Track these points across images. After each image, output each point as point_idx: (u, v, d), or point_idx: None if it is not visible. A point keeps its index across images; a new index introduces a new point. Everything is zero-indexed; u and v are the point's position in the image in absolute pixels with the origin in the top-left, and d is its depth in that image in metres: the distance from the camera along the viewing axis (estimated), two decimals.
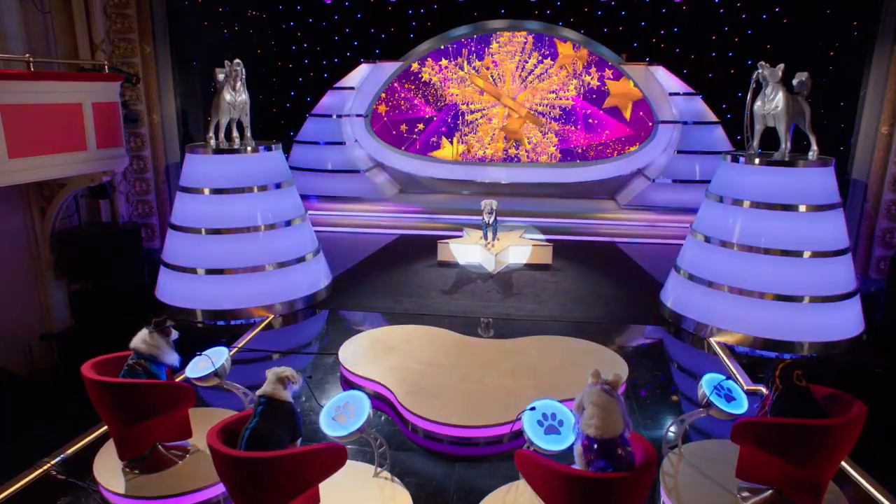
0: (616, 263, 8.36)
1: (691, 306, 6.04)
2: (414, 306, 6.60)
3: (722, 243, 5.84)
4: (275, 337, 5.90)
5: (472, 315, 6.36)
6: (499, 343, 5.41)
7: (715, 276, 5.84)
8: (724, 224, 5.87)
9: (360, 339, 5.41)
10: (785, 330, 5.56)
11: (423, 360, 5.04)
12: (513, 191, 11.48)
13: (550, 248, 8.13)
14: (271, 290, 6.38)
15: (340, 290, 7.14)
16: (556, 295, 7.03)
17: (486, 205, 7.73)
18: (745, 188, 5.79)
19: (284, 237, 6.56)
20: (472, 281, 7.47)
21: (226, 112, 6.28)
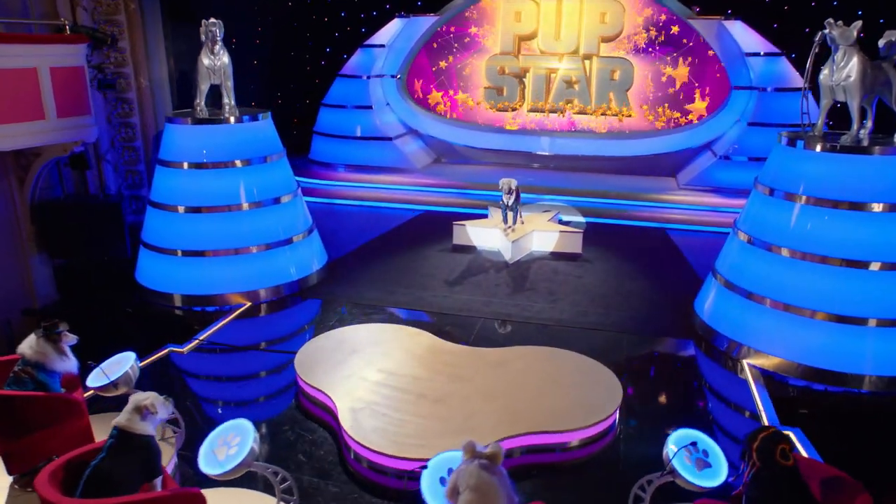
0: (660, 256, 7.59)
1: (726, 319, 5.30)
2: (407, 299, 6.22)
3: (768, 247, 5.03)
4: (250, 328, 5.71)
5: (466, 314, 5.91)
6: (480, 353, 4.94)
7: (756, 285, 5.06)
8: (773, 223, 5.04)
9: (325, 339, 5.10)
10: (839, 358, 4.75)
11: (386, 369, 4.67)
12: (559, 164, 10.79)
13: (580, 235, 7.47)
14: (255, 275, 6.17)
15: (336, 274, 6.86)
16: (574, 292, 6.44)
17: (504, 184, 7.15)
18: (802, 179, 4.92)
19: (271, 216, 6.31)
20: (484, 271, 6.99)
21: (205, 78, 6.03)
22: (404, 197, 9.72)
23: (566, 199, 9.30)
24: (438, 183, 9.97)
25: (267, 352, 5.26)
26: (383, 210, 9.48)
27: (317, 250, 6.87)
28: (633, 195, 9.33)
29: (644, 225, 8.78)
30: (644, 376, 4.94)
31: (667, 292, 6.47)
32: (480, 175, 10.26)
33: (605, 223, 8.81)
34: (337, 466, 3.87)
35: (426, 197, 9.69)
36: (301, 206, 6.76)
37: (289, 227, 6.48)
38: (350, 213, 9.38)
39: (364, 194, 9.85)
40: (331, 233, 8.34)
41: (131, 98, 7.17)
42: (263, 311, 6.02)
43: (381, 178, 10.16)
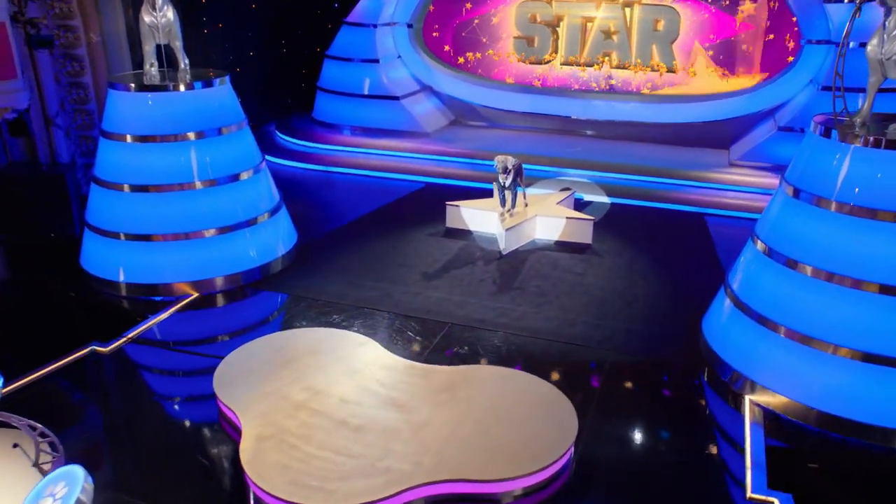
0: (689, 250, 6.96)
1: (733, 345, 4.73)
2: (372, 295, 5.91)
3: (788, 262, 4.39)
4: (191, 324, 5.54)
5: (433, 318, 5.55)
6: (428, 371, 4.60)
7: (771, 308, 4.46)
8: (797, 232, 4.39)
9: (258, 345, 4.87)
10: (866, 407, 4.13)
11: (314, 387, 4.41)
12: (594, 131, 10.13)
13: (590, 223, 6.91)
14: (209, 262, 5.98)
15: (305, 259, 6.62)
16: (568, 294, 5.96)
17: (499, 161, 6.64)
18: (836, 180, 4.23)
19: (229, 195, 6.06)
20: (471, 262, 6.58)
21: (148, 37, 5.75)
22: (409, 166, 9.30)
23: (590, 175, 8.69)
24: (450, 151, 9.51)
25: (199, 356, 5.08)
26: (384, 181, 9.14)
27: (284, 232, 6.63)
28: (671, 172, 8.62)
29: (679, 209, 8.07)
30: (617, 410, 4.49)
31: (683, 300, 5.89)
32: (501, 142, 9.74)
33: (633, 205, 8.17)
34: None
35: (435, 167, 9.25)
36: (265, 183, 6.49)
37: (249, 206, 6.23)
38: (348, 184, 9.10)
39: (365, 162, 9.50)
40: (320, 207, 8.17)
41: (81, 55, 6.97)
42: (212, 303, 5.85)
43: (384, 144, 9.78)
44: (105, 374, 4.83)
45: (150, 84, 5.81)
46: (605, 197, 8.26)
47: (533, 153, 9.18)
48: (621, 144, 9.67)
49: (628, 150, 9.43)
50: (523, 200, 7.20)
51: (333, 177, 9.35)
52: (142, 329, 5.32)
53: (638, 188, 8.43)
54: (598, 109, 9.96)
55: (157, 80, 5.99)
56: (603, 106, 9.92)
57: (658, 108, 9.70)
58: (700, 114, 9.60)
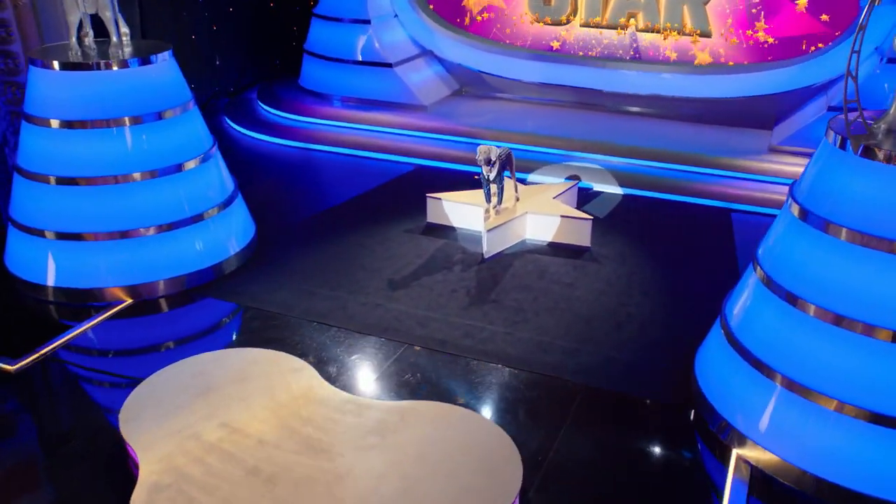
0: (705, 254, 6.56)
1: (723, 388, 4.39)
2: (325, 307, 5.71)
3: (788, 296, 4.01)
4: (118, 337, 5.43)
5: (389, 337, 5.32)
6: (364, 407, 4.38)
7: (767, 349, 4.09)
8: (801, 260, 3.99)
9: (179, 368, 4.72)
10: (871, 475, 3.78)
11: (231, 423, 4.24)
12: (616, 105, 9.66)
13: (589, 223, 6.56)
14: (150, 263, 5.85)
15: (261, 258, 6.45)
16: (551, 310, 5.66)
17: (481, 152, 6.31)
18: (849, 203, 3.81)
19: (172, 188, 5.90)
20: (447, 267, 6.31)
21: (72, 7, 5.54)
22: (400, 145, 9.01)
23: (605, 161, 8.28)
24: (448, 128, 9.17)
25: (116, 377, 4.97)
26: (370, 162, 8.90)
27: (238, 226, 6.46)
28: (696, 158, 8.14)
29: (703, 204, 7.64)
30: (580, 459, 4.22)
31: (685, 322, 5.54)
32: (506, 117, 9.38)
33: (648, 198, 7.77)
34: None
35: (429, 147, 8.94)
36: (216, 172, 6.31)
37: (197, 200, 6.06)
38: (329, 165, 8.90)
39: (351, 139, 9.23)
40: (292, 192, 8.01)
41: (7, 19, 6.77)
42: (146, 311, 5.73)
43: (374, 118, 9.49)
44: (5, 400, 4.74)
45: (76, 61, 5.61)
46: (617, 187, 7.88)
47: (543, 132, 8.82)
48: (642, 122, 9.20)
49: (650, 129, 8.96)
50: (514, 194, 6.88)
51: (315, 156, 9.15)
52: (58, 343, 5.23)
53: (656, 177, 7.99)
54: (622, 80, 9.45)
55: (92, 54, 5.79)
56: (627, 76, 9.40)
57: (690, 80, 9.15)
58: (739, 87, 9.02)
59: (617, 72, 9.48)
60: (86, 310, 5.66)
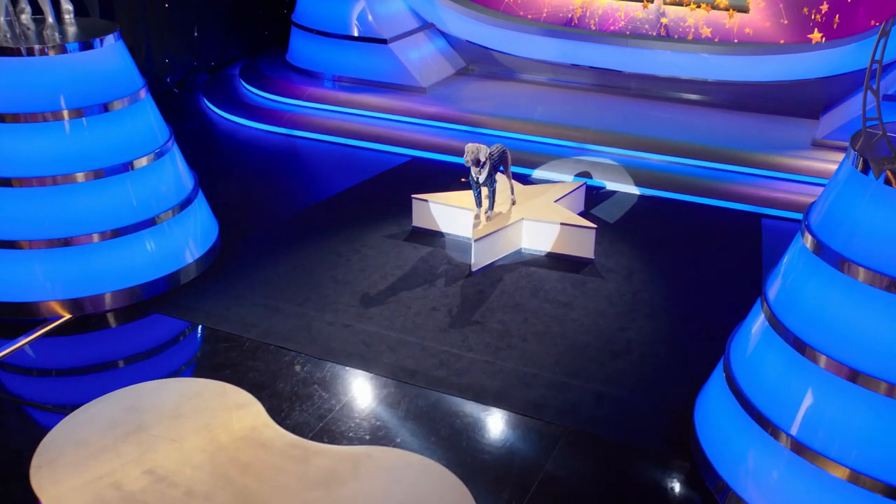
0: (726, 268, 6.29)
1: (723, 442, 4.13)
2: (285, 327, 5.54)
3: (797, 343, 3.72)
4: (51, 359, 5.32)
5: (352, 365, 5.14)
6: (308, 452, 4.21)
7: (771, 402, 3.82)
8: (812, 302, 3.70)
9: (108, 402, 4.60)
10: None
11: (158, 470, 4.10)
12: (641, 88, 9.33)
13: (592, 232, 6.29)
14: (95, 274, 5.74)
15: (225, 266, 6.32)
16: (540, 336, 5.44)
17: (469, 152, 6.06)
18: (867, 237, 3.51)
19: (119, 190, 5.77)
20: (429, 280, 6.11)
21: None
22: (393, 133, 8.80)
23: (619, 156, 7.99)
24: (448, 114, 8.90)
25: (39, 408, 4.86)
26: (360, 152, 8.73)
27: (197, 230, 6.33)
28: (725, 153, 7.79)
29: (730, 207, 7.34)
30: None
31: (692, 354, 5.29)
32: (514, 102, 9.09)
33: (667, 199, 7.51)
34: None
35: (426, 136, 8.71)
36: (172, 169, 6.17)
37: (149, 202, 5.93)
38: (314, 155, 8.76)
39: (340, 125, 9.04)
40: (269, 187, 7.92)
41: None
42: (86, 328, 5.61)
43: (365, 101, 9.26)
44: None
45: (4, 46, 5.44)
46: (633, 186, 7.60)
47: (554, 121, 8.53)
48: (667, 109, 8.85)
49: (675, 118, 8.61)
50: (510, 196, 6.64)
51: (299, 144, 9.02)
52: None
53: (677, 175, 7.70)
54: (647, 60, 9.09)
55: (30, 34, 5.63)
56: (653, 56, 9.04)
57: (726, 61, 8.75)
58: (784, 70, 8.63)
59: (641, 51, 9.10)
60: (20, 326, 5.55)
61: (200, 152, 8.64)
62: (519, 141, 8.35)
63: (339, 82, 9.81)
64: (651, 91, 9.24)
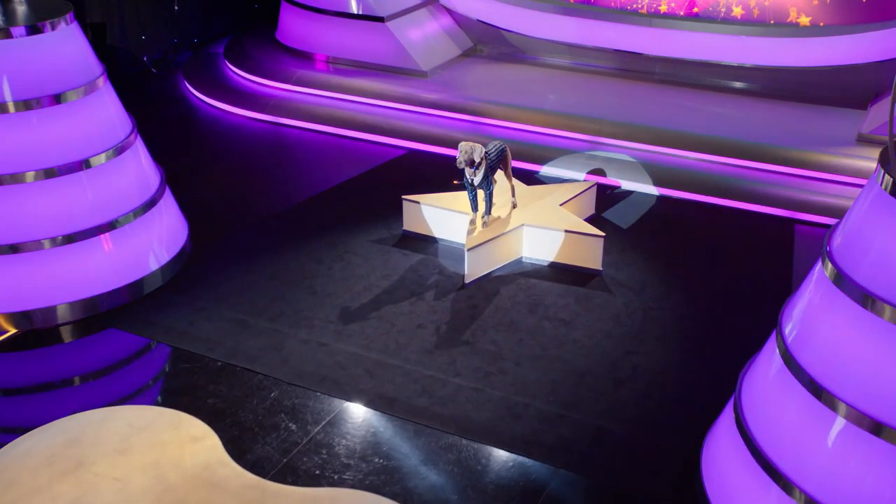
0: (752, 282, 6.14)
1: (730, 496, 3.99)
2: (255, 345, 5.46)
3: (813, 387, 3.56)
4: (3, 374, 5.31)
5: (324, 391, 5.04)
6: (265, 494, 4.13)
7: (786, 456, 3.67)
8: (831, 341, 3.54)
9: (52, 433, 4.54)
10: None
11: None
12: (666, 74, 9.19)
13: (600, 242, 6.15)
14: (48, 283, 5.71)
15: (193, 274, 6.28)
16: (536, 359, 5.31)
17: (463, 152, 5.93)
18: (894, 270, 3.34)
19: (74, 190, 5.72)
20: (418, 293, 6.01)
21: None
22: (389, 123, 8.69)
23: (637, 152, 7.84)
24: (451, 102, 8.74)
25: None
26: (353, 143, 8.66)
27: (163, 234, 6.28)
28: (757, 150, 7.58)
29: (761, 211, 7.18)
30: None
31: (705, 384, 5.15)
32: (526, 90, 8.93)
33: (690, 202, 7.37)
34: None
35: (425, 127, 8.59)
36: (134, 166, 6.10)
37: (108, 203, 5.87)
38: (302, 147, 8.68)
39: (332, 114, 8.95)
40: (249, 184, 7.86)
41: None
42: (35, 344, 5.56)
43: (360, 86, 9.15)
44: None
45: None
46: (651, 186, 7.46)
47: (567, 111, 8.37)
48: (695, 97, 8.69)
49: (703, 107, 8.46)
50: (511, 199, 6.51)
51: (287, 133, 8.95)
52: None
53: (702, 174, 7.53)
54: (674, 42, 8.91)
55: None
56: (681, 38, 8.86)
57: (762, 45, 8.56)
58: (828, 54, 8.43)
59: (668, 31, 8.92)
60: None
61: (177, 142, 8.63)
62: (527, 133, 8.25)
63: (330, 65, 9.72)
64: (678, 77, 9.07)
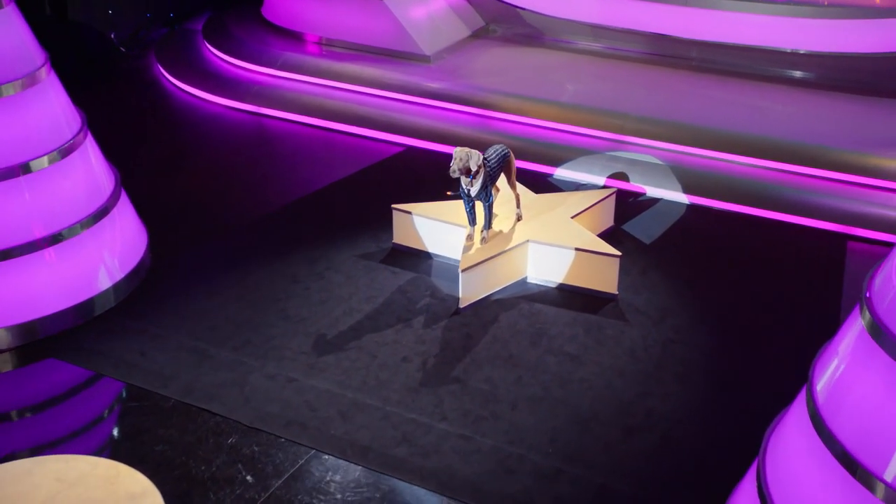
0: (793, 310, 6.00)
1: None
2: (214, 380, 5.35)
3: (846, 460, 3.34)
4: None
5: (289, 437, 4.92)
6: None
7: None
8: (868, 407, 3.33)
9: None
10: None
11: None
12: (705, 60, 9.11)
13: (615, 262, 5.98)
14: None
15: (150, 292, 6.22)
16: (537, 401, 5.16)
17: (458, 159, 5.78)
18: None
19: (12, 199, 5.65)
20: (402, 320, 5.88)
21: None
22: (386, 116, 8.65)
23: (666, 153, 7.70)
24: (457, 92, 8.63)
25: None
26: (344, 139, 8.63)
27: (117, 246, 6.23)
28: (807, 151, 7.39)
29: (808, 225, 7.02)
30: None
31: (738, 433, 4.99)
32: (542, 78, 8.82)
33: (723, 213, 7.23)
34: None
35: (427, 121, 8.54)
36: (82, 170, 6.03)
37: (52, 213, 5.82)
38: (286, 142, 8.65)
39: (321, 105, 8.91)
40: (221, 187, 7.81)
41: None
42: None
43: (353, 73, 9.10)
44: None
45: None
46: (681, 193, 7.34)
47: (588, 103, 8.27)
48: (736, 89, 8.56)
49: (744, 101, 8.31)
50: (515, 210, 6.38)
51: (270, 126, 8.93)
52: None
53: (740, 180, 7.39)
54: (716, 24, 8.89)
55: None
56: (721, 19, 8.87)
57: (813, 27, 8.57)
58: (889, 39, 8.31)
59: (708, 11, 8.98)
60: None
61: (143, 134, 8.65)
62: (540, 129, 8.16)
63: (325, 46, 9.71)
64: (718, 65, 8.96)
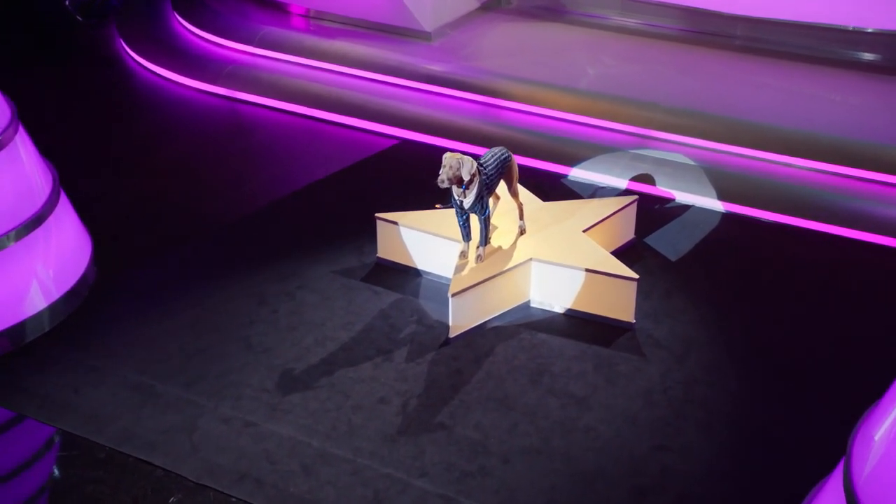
0: (843, 347, 5.92)
1: None
2: (160, 424, 5.33)
3: None
4: None
5: (242, 495, 4.90)
6: None
7: None
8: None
9: None
10: None
11: None
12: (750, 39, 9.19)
13: (633, 286, 5.90)
14: None
15: (91, 316, 6.25)
16: (534, 455, 5.13)
17: (448, 167, 5.75)
18: None
19: None
20: (383, 352, 5.86)
21: None
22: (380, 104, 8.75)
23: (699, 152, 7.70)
24: (461, 76, 8.72)
25: None
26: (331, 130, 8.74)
27: (55, 259, 6.33)
28: (866, 154, 7.37)
29: (865, 240, 6.98)
30: None
31: (767, 498, 4.89)
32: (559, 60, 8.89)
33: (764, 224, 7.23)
34: None
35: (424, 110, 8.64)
36: (12, 171, 6.05)
37: None
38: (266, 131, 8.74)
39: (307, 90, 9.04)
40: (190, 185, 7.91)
41: None
42: None
43: (342, 52, 9.22)
44: None
45: None
46: (715, 200, 7.30)
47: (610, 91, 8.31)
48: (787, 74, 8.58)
49: (797, 87, 8.33)
50: (518, 222, 6.34)
51: (245, 112, 9.03)
52: None
53: (787, 186, 7.37)
54: None
55: None
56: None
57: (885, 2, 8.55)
58: None
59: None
60: None
61: (98, 122, 8.71)
62: (555, 121, 8.17)
63: (313, 20, 9.85)
64: (765, 45, 8.99)
